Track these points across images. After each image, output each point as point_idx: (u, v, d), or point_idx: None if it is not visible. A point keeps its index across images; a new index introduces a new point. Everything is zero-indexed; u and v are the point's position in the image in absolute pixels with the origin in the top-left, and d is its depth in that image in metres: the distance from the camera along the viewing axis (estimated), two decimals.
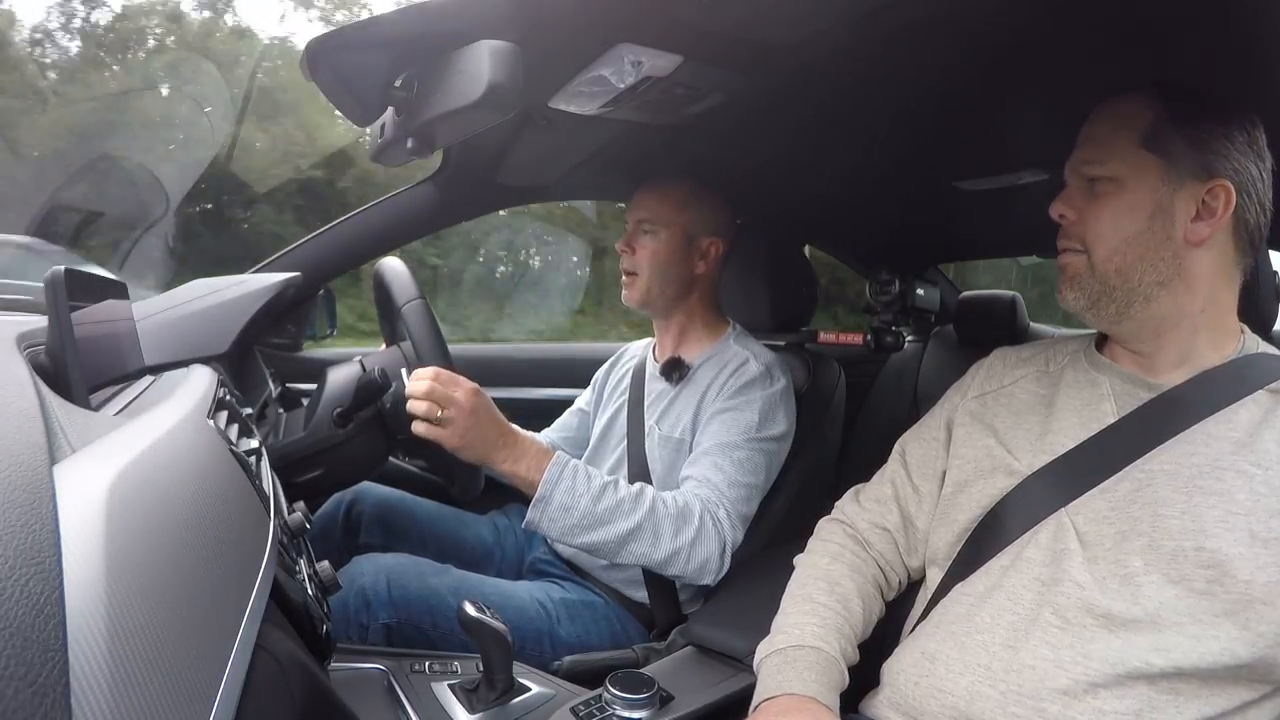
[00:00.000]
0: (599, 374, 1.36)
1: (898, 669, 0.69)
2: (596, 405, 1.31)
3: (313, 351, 1.58)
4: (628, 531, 0.91)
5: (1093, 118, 0.69)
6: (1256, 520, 0.57)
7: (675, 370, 1.14)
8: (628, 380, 1.25)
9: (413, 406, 0.89)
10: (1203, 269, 0.65)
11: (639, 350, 1.30)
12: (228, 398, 0.73)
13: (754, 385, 1.07)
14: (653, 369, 1.20)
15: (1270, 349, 0.68)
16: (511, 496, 1.29)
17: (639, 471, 1.12)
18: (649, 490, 0.95)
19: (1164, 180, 0.64)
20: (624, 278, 1.17)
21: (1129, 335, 0.69)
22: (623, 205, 1.28)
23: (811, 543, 0.82)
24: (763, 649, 0.70)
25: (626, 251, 1.16)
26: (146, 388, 0.74)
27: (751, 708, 0.66)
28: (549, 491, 0.90)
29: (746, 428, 1.03)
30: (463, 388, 0.89)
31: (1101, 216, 0.66)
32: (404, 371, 0.94)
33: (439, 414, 0.87)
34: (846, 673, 0.68)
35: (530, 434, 0.94)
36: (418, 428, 0.89)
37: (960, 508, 0.72)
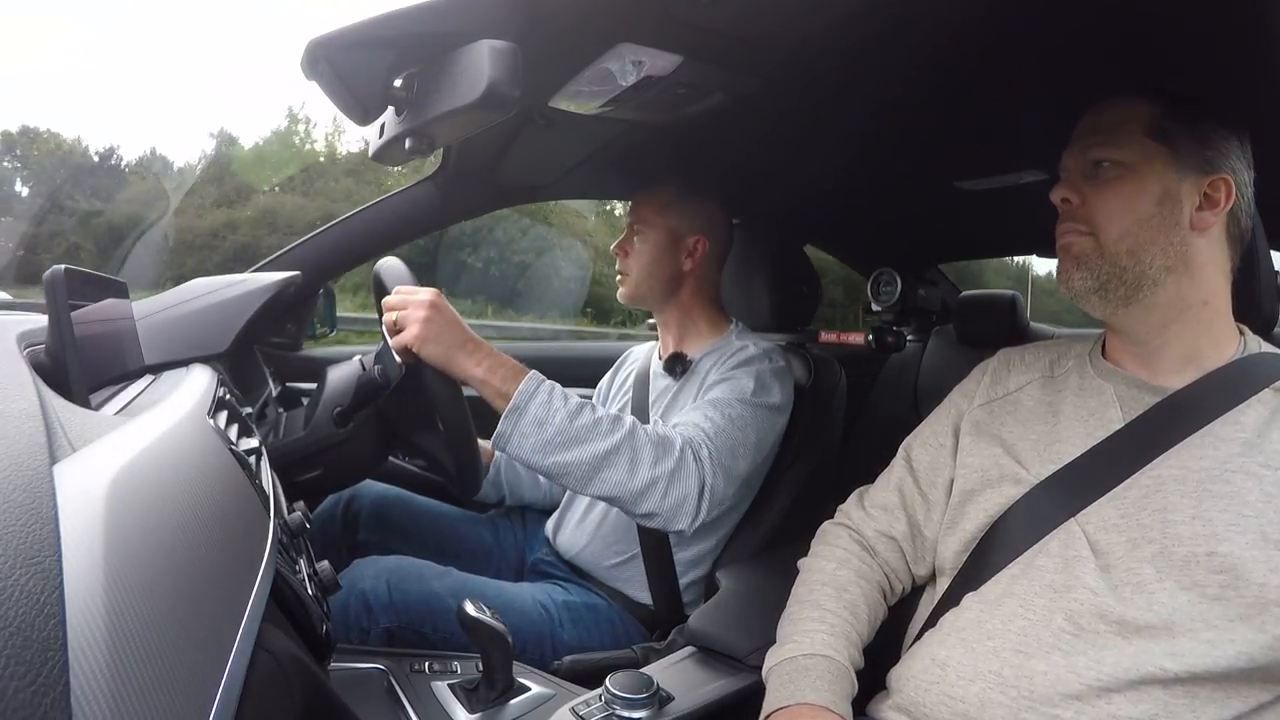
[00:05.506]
0: (603, 381, 1.36)
1: (907, 675, 0.68)
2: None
3: (313, 351, 1.58)
4: (605, 452, 0.86)
5: (1094, 110, 0.70)
6: (1268, 522, 0.57)
7: (678, 364, 1.15)
8: (630, 381, 1.25)
9: (387, 329, 0.90)
10: (1204, 258, 0.66)
11: (642, 354, 1.30)
12: (228, 397, 0.73)
13: (751, 361, 1.08)
14: (657, 367, 1.21)
15: (1272, 348, 0.68)
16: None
17: None
18: (629, 416, 0.92)
19: (1171, 168, 0.65)
20: (617, 278, 1.20)
21: (1134, 326, 0.68)
22: None
23: (816, 546, 0.81)
24: (772, 657, 0.70)
25: (620, 254, 1.18)
26: (146, 387, 0.74)
27: (762, 717, 0.65)
28: (524, 402, 0.86)
29: (740, 391, 1.03)
30: (423, 290, 0.89)
31: (1109, 200, 0.66)
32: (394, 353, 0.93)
33: (394, 317, 0.88)
34: (856, 680, 0.68)
35: None
36: (394, 343, 0.89)
37: (968, 517, 0.71)
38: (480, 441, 0.96)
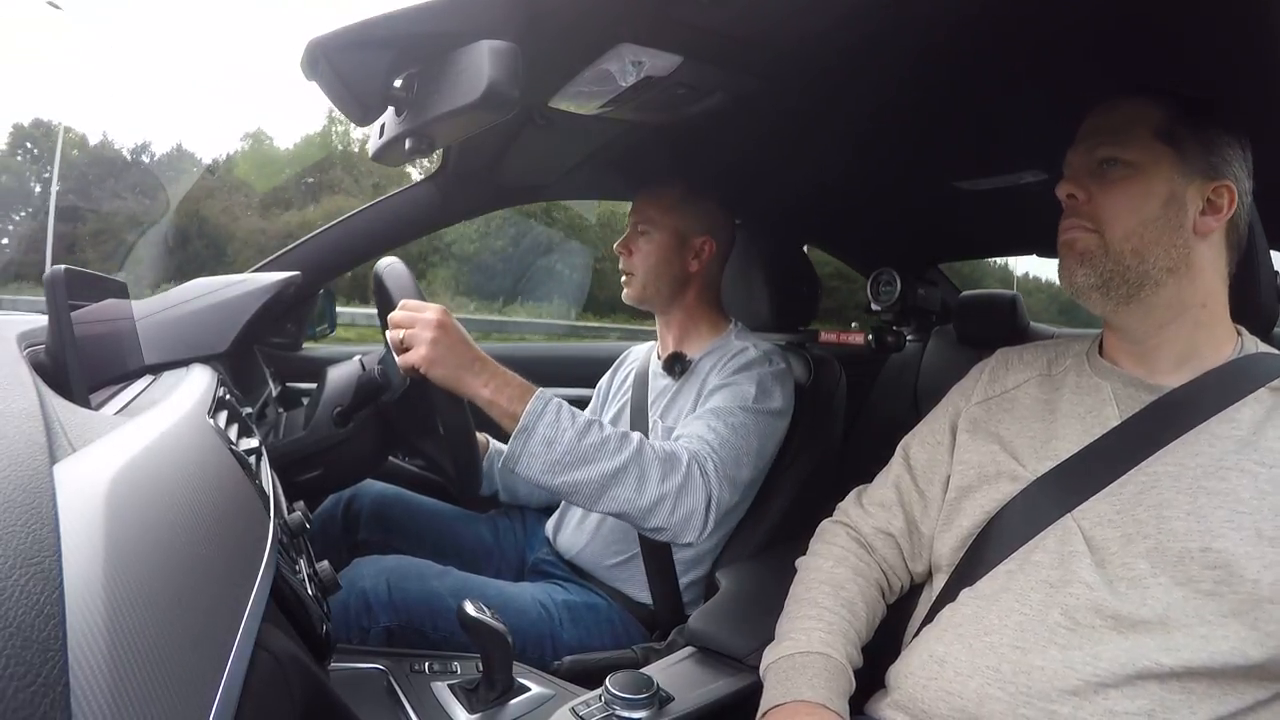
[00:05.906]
0: (602, 381, 1.36)
1: (905, 672, 0.68)
2: (601, 410, 1.31)
3: (313, 351, 1.58)
4: (613, 471, 0.87)
5: (1100, 111, 0.70)
6: (1263, 519, 0.57)
7: (677, 364, 1.15)
8: (630, 381, 1.25)
9: (392, 346, 0.89)
10: (1205, 262, 0.67)
11: (641, 354, 1.30)
12: (227, 397, 0.73)
13: (752, 365, 1.08)
14: (656, 367, 1.21)
15: (1269, 348, 0.68)
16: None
17: None
18: (636, 433, 0.93)
19: (1177, 171, 0.66)
20: (622, 278, 1.19)
21: (1132, 324, 0.69)
22: None
23: (814, 545, 0.81)
24: (769, 655, 0.70)
25: (624, 253, 1.18)
26: (146, 387, 0.74)
27: (759, 714, 0.65)
28: (532, 423, 0.86)
29: (743, 398, 1.04)
30: (429, 307, 0.89)
31: (1117, 198, 0.67)
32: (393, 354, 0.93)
33: (400, 335, 0.87)
34: (853, 678, 0.68)
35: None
36: (400, 362, 0.88)
37: (964, 513, 0.72)
38: (478, 436, 0.96)
